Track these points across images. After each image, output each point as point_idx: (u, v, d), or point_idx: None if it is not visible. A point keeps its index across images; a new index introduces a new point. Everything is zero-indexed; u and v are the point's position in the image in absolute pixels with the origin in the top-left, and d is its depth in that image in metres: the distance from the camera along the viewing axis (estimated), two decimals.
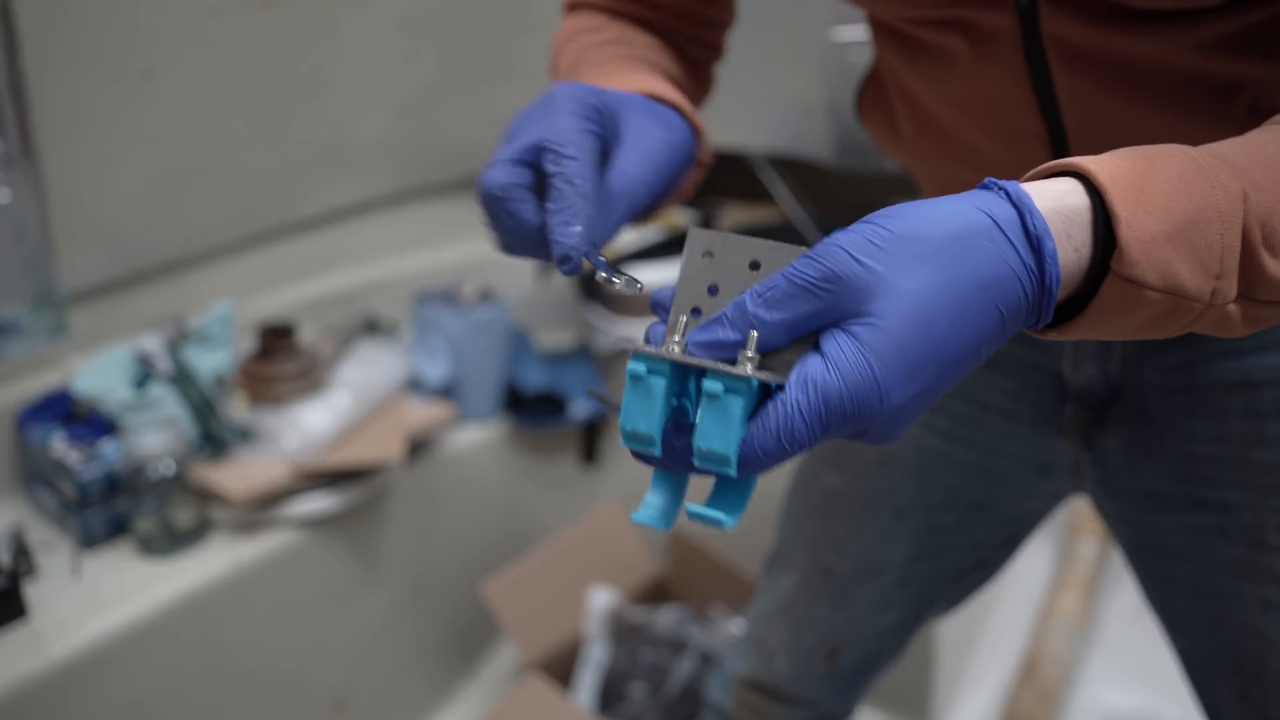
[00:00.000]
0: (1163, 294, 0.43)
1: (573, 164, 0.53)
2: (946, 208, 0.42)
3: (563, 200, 0.52)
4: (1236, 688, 0.73)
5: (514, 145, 0.54)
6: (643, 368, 0.44)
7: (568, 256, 0.51)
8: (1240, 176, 0.45)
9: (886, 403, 0.41)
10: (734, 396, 0.41)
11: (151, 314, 1.57)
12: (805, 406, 0.40)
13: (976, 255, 0.41)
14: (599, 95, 0.56)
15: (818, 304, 0.41)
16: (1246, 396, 0.68)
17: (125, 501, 1.34)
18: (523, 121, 0.56)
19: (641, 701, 1.50)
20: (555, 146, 0.53)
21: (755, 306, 0.42)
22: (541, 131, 0.54)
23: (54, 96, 1.39)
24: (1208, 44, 0.56)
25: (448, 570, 1.67)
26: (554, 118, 0.54)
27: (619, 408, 0.44)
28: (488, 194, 0.54)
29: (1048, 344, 0.75)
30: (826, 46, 1.61)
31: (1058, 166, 0.46)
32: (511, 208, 0.54)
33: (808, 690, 0.92)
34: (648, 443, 0.44)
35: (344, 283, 1.83)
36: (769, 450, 0.41)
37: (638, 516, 0.46)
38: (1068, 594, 1.83)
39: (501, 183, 0.53)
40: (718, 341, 0.43)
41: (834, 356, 0.41)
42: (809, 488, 0.90)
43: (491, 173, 0.54)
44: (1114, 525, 0.80)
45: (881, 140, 0.78)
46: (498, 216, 0.54)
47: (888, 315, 0.40)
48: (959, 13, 0.62)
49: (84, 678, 1.18)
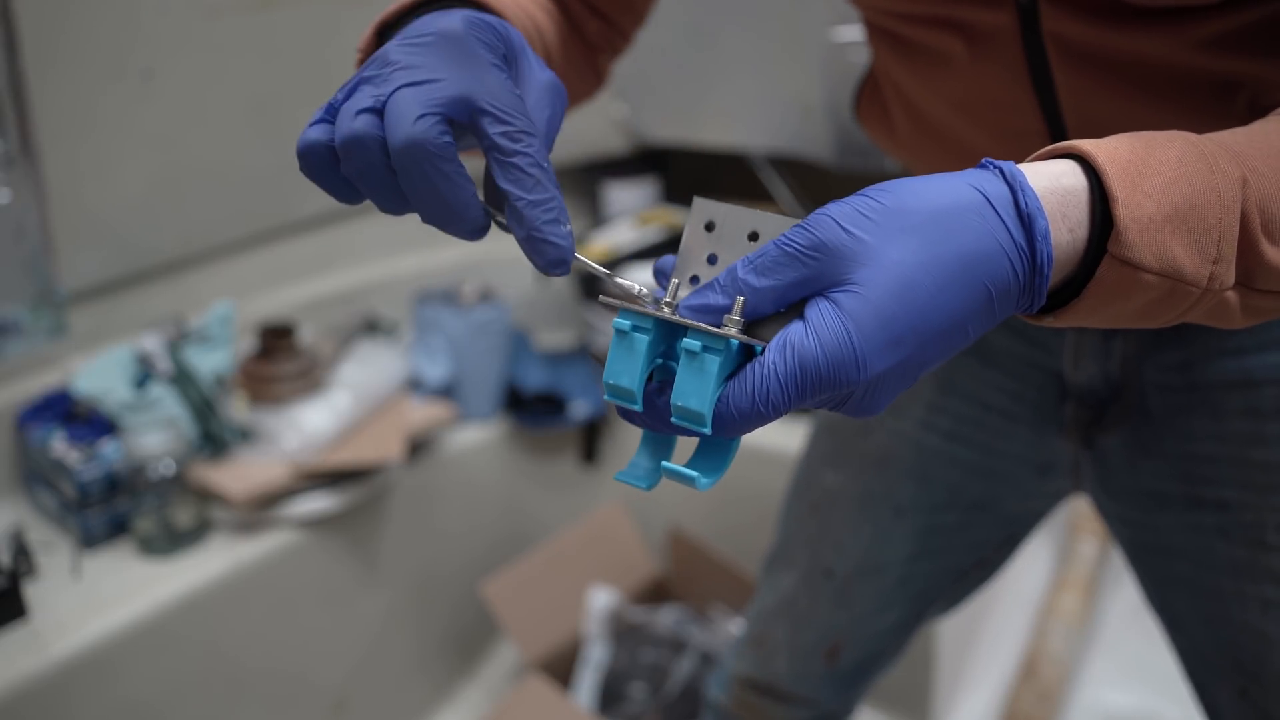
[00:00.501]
0: (1159, 277, 0.43)
1: (533, 141, 0.45)
2: (939, 183, 0.42)
3: (538, 189, 0.45)
4: (1236, 687, 0.73)
5: (431, 92, 0.44)
6: (627, 323, 0.44)
7: (563, 260, 0.46)
8: (1240, 162, 0.45)
9: (864, 371, 0.41)
10: (711, 355, 0.42)
11: (151, 314, 1.57)
12: (781, 368, 0.41)
13: (964, 229, 0.41)
14: (504, 36, 0.48)
15: (805, 271, 0.41)
16: (1246, 396, 0.68)
17: (125, 501, 1.34)
18: (426, 58, 0.46)
19: (641, 701, 1.50)
20: (503, 115, 0.45)
21: (745, 273, 0.43)
22: (470, 86, 0.45)
23: (54, 96, 1.39)
24: (1208, 41, 0.56)
25: (448, 570, 1.67)
26: (477, 68, 0.46)
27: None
28: (414, 145, 0.43)
29: (1048, 343, 0.75)
30: (826, 46, 1.61)
31: (1058, 149, 0.45)
32: (446, 169, 0.44)
33: (807, 689, 0.92)
34: (628, 398, 0.45)
35: (344, 283, 1.83)
36: (744, 410, 0.42)
37: (621, 475, 0.47)
38: (1068, 594, 1.83)
39: (436, 139, 0.43)
40: (707, 306, 0.43)
41: (814, 322, 0.41)
42: (809, 487, 0.90)
43: (419, 123, 0.43)
44: (1114, 525, 0.80)
45: (879, 140, 0.78)
46: (417, 177, 0.44)
47: (870, 284, 0.40)
48: (955, 11, 0.62)
49: (84, 678, 1.18)
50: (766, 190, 1.91)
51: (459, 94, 0.45)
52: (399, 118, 0.44)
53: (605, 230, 1.98)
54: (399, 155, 0.44)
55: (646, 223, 2.00)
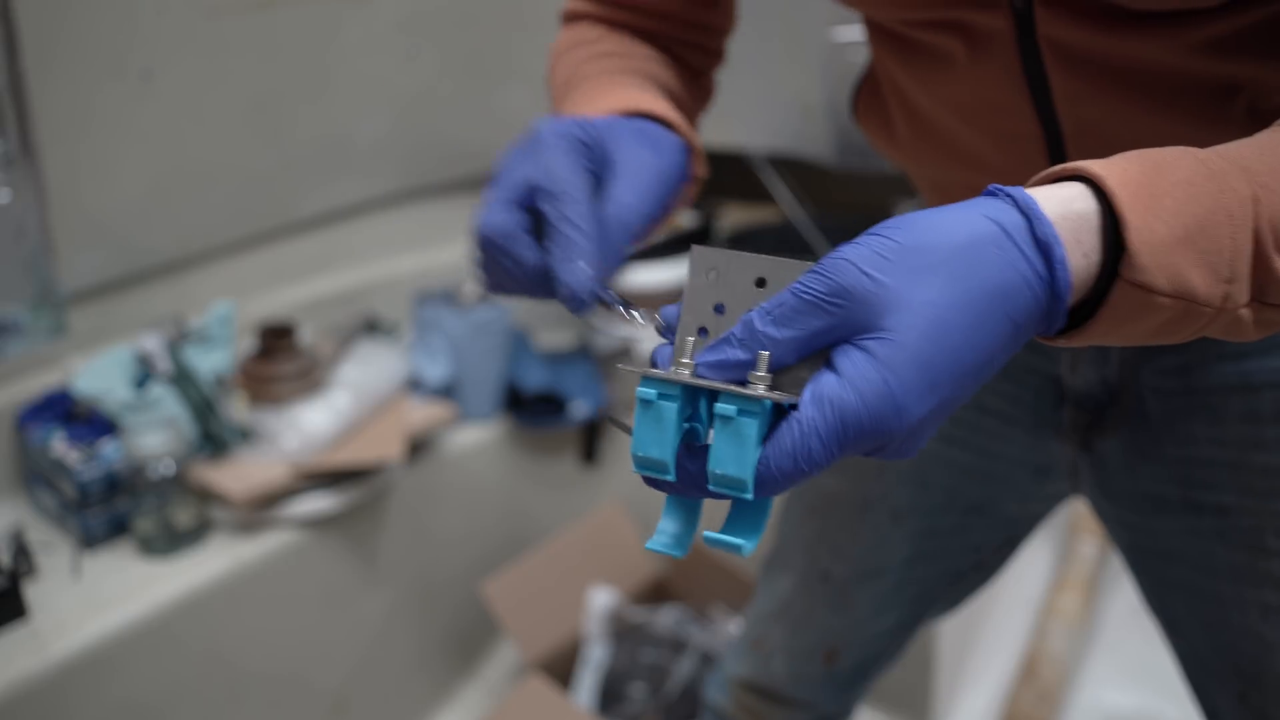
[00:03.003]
0: (1173, 299, 0.43)
1: (572, 205, 0.52)
2: (953, 216, 0.42)
3: (565, 242, 0.51)
4: (1236, 691, 0.73)
5: (506, 186, 0.54)
6: (653, 393, 0.42)
7: (575, 294, 0.51)
8: (1250, 179, 0.44)
9: (904, 418, 0.40)
10: (748, 419, 0.40)
11: (151, 314, 1.57)
12: (822, 425, 0.39)
13: (987, 264, 0.40)
14: (586, 129, 0.55)
15: (828, 320, 0.40)
16: (1245, 400, 0.68)
17: (125, 501, 1.34)
18: (512, 161, 0.55)
19: (641, 701, 1.50)
20: (551, 187, 0.52)
21: (764, 325, 0.41)
22: (533, 172, 0.53)
23: (54, 96, 1.39)
24: (1205, 45, 0.56)
25: (448, 570, 1.67)
26: (544, 156, 0.53)
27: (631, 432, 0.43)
28: (486, 238, 0.53)
29: (1046, 348, 0.75)
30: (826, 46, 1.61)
31: (1064, 171, 0.45)
32: (512, 250, 0.53)
33: (806, 692, 0.92)
34: (661, 469, 0.43)
35: (344, 283, 1.83)
36: (785, 471, 0.40)
37: (652, 544, 0.45)
38: (1068, 594, 1.83)
39: (499, 227, 0.52)
40: (727, 362, 0.42)
41: (849, 373, 0.39)
42: (806, 491, 0.90)
43: (488, 216, 0.53)
44: (1112, 528, 0.80)
45: (876, 141, 0.77)
46: (496, 260, 0.53)
47: (902, 329, 0.39)
48: (954, 14, 0.62)
49: (84, 678, 1.18)
50: (766, 190, 1.90)
51: (524, 181, 0.53)
52: (478, 219, 0.54)
53: None
54: (478, 248, 0.55)
55: None
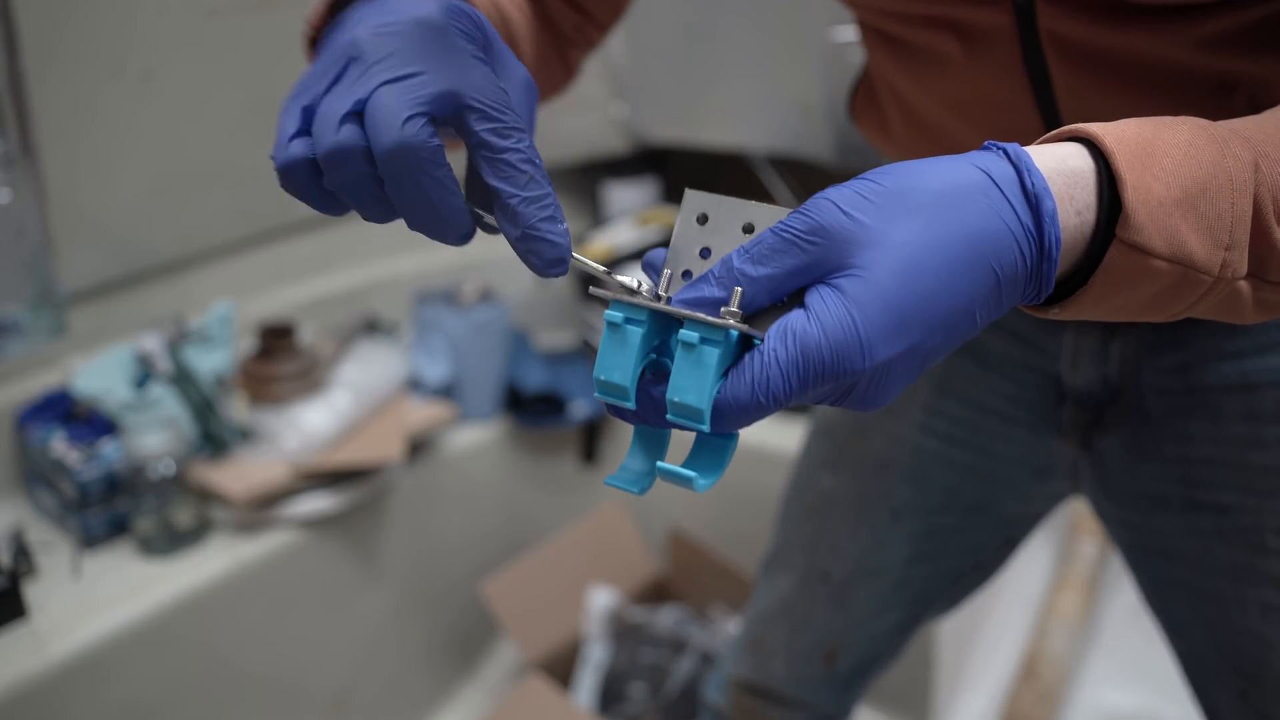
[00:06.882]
0: (1170, 263, 0.41)
1: (524, 137, 0.44)
2: (942, 164, 0.41)
3: (532, 186, 0.43)
4: (1236, 690, 0.73)
5: (415, 89, 0.42)
6: (620, 316, 0.42)
7: (561, 259, 0.44)
8: (1252, 147, 0.43)
9: (869, 358, 0.38)
10: (710, 347, 0.40)
11: (151, 314, 1.57)
12: (783, 355, 0.39)
13: (970, 210, 0.39)
14: (481, 25, 0.46)
15: (804, 258, 0.40)
16: (1245, 399, 0.68)
17: (125, 501, 1.34)
18: (403, 49, 0.43)
19: (641, 701, 1.50)
20: (492, 111, 0.43)
21: (741, 262, 0.41)
22: (455, 81, 0.43)
23: (54, 96, 1.39)
24: (1207, 40, 0.56)
25: (448, 570, 1.67)
26: (459, 61, 0.43)
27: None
28: (403, 151, 0.41)
29: (1046, 346, 0.75)
30: (826, 46, 1.61)
31: (1064, 133, 0.44)
32: (437, 174, 0.42)
33: (805, 692, 0.92)
34: (621, 394, 0.42)
35: (344, 283, 1.83)
36: (743, 403, 0.39)
37: (612, 480, 0.44)
38: (1068, 594, 1.83)
39: (426, 143, 0.41)
40: (702, 298, 0.42)
41: (816, 308, 0.39)
42: (806, 490, 0.90)
43: (407, 126, 0.41)
44: (1113, 527, 0.80)
45: (874, 141, 0.77)
46: (407, 181, 0.42)
47: (873, 266, 0.38)
48: (951, 11, 0.61)
49: (83, 678, 1.18)
50: (767, 190, 1.90)
51: (443, 90, 0.42)
52: (384, 122, 0.41)
53: (605, 230, 1.98)
54: (386, 162, 0.42)
55: (646, 223, 2.00)
